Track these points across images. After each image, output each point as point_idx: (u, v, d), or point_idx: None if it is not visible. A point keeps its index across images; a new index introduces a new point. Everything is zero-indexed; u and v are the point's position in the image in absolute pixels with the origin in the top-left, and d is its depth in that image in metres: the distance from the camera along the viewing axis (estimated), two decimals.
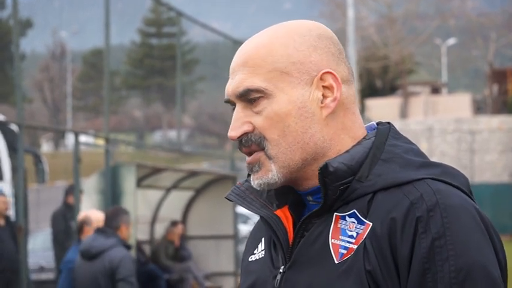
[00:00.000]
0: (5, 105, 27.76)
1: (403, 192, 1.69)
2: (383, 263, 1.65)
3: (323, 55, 1.78)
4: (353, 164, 1.73)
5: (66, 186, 13.39)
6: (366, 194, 1.72)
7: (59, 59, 49.72)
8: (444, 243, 1.63)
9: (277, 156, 1.76)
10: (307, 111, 1.76)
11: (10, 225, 10.09)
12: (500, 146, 32.43)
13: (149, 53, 50.65)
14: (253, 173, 1.79)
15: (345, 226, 1.72)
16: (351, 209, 1.72)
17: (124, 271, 6.84)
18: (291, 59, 1.77)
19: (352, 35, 23.84)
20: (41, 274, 15.16)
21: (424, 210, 1.65)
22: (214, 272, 14.59)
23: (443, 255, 1.63)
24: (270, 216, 1.80)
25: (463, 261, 1.62)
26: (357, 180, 1.72)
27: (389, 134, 1.80)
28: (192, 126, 34.85)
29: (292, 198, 1.82)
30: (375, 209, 1.70)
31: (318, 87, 1.77)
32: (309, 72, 1.77)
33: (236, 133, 1.77)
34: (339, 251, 1.70)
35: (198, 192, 14.58)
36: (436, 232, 1.63)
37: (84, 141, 17.74)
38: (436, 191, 1.67)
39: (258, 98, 1.76)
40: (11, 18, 11.19)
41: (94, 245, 6.90)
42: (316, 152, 1.76)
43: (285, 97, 1.76)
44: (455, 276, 1.62)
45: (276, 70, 1.76)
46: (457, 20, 48.41)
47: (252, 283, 1.84)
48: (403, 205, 1.67)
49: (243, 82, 1.77)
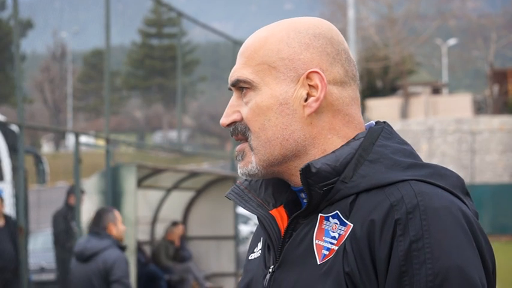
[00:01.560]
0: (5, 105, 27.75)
1: (385, 193, 1.67)
2: (362, 265, 1.64)
3: (315, 54, 1.77)
4: (337, 164, 1.72)
5: (68, 187, 13.38)
6: (349, 195, 1.70)
7: (60, 60, 49.72)
8: (422, 246, 1.61)
9: (258, 149, 1.78)
10: (288, 107, 1.76)
11: (9, 226, 10.08)
12: (501, 147, 32.41)
13: (150, 53, 50.65)
14: (238, 161, 1.82)
15: (328, 227, 1.71)
16: (334, 210, 1.71)
17: (118, 272, 6.84)
18: (281, 54, 1.77)
19: (353, 35, 23.84)
20: (42, 275, 15.15)
21: (404, 212, 1.63)
22: (215, 272, 14.59)
23: (420, 258, 1.60)
24: (264, 216, 1.80)
25: (440, 265, 1.60)
26: (341, 181, 1.71)
27: (381, 134, 1.78)
28: (192, 126, 34.83)
29: (288, 197, 1.82)
30: (357, 210, 1.68)
31: (304, 85, 1.76)
32: (296, 69, 1.77)
33: (226, 120, 1.81)
34: (322, 252, 1.69)
35: (198, 193, 14.58)
36: (414, 235, 1.61)
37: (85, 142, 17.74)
38: (417, 193, 1.65)
39: (247, 89, 1.79)
40: (12, 19, 11.18)
41: (88, 246, 6.90)
42: (297, 149, 1.76)
43: (269, 91, 1.77)
44: (432, 280, 1.59)
45: (264, 63, 1.77)
46: (457, 20, 48.41)
47: (248, 282, 1.85)
48: (383, 207, 1.65)
49: (235, 72, 1.80)
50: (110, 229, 6.98)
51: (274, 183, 1.84)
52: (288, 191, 1.83)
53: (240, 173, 1.81)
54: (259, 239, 1.90)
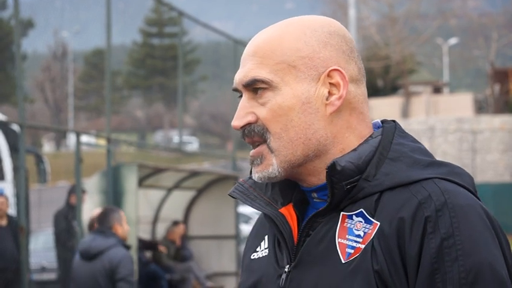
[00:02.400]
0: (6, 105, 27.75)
1: (411, 191, 1.67)
2: (391, 263, 1.64)
3: (333, 52, 1.77)
4: (360, 163, 1.72)
5: (69, 187, 13.38)
6: (373, 193, 1.70)
7: (61, 59, 49.72)
8: (453, 243, 1.62)
9: (279, 150, 1.75)
10: (311, 106, 1.75)
11: (11, 225, 10.09)
12: (502, 146, 32.41)
13: (151, 53, 50.63)
14: (255, 165, 1.78)
15: (351, 225, 1.70)
16: (358, 208, 1.71)
17: (124, 271, 6.85)
18: (300, 53, 1.75)
19: (354, 34, 23.83)
20: (43, 274, 15.14)
21: (433, 209, 1.64)
22: (216, 272, 14.59)
23: (452, 255, 1.62)
24: (275, 214, 1.78)
25: (472, 261, 1.61)
26: (364, 179, 1.71)
27: (396, 132, 1.78)
28: (193, 126, 34.82)
29: (297, 196, 1.81)
30: (383, 209, 1.68)
31: (325, 83, 1.76)
32: (316, 67, 1.76)
33: (240, 123, 1.77)
34: (346, 250, 1.69)
35: (199, 192, 14.58)
36: (445, 232, 1.62)
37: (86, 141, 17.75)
38: (444, 191, 1.66)
39: (264, 89, 1.75)
40: (13, 19, 11.19)
41: (93, 245, 6.90)
42: (319, 149, 1.75)
43: (290, 91, 1.75)
44: (465, 277, 1.61)
45: (283, 62, 1.75)
46: (458, 19, 48.38)
47: (255, 281, 1.83)
48: (412, 205, 1.65)
49: (250, 72, 1.76)
50: (116, 228, 6.99)
51: (281, 181, 1.82)
52: (295, 189, 1.82)
53: (257, 177, 1.77)
54: (261, 238, 1.88)
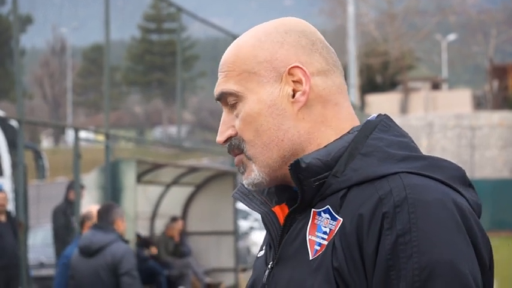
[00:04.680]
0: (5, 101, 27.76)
1: (375, 187, 1.64)
2: (350, 260, 1.62)
3: (291, 50, 1.76)
4: (329, 159, 1.70)
5: (68, 182, 13.38)
6: (340, 189, 1.68)
7: (59, 55, 49.75)
8: (409, 240, 1.58)
9: (256, 156, 1.76)
10: (277, 108, 1.74)
11: (11, 221, 10.09)
12: (501, 142, 32.44)
13: (149, 48, 50.63)
14: (241, 174, 1.80)
15: (320, 222, 1.69)
16: (326, 205, 1.69)
17: (127, 265, 6.86)
18: (257, 58, 1.76)
19: (353, 31, 23.85)
20: (41, 270, 15.16)
21: (391, 205, 1.60)
22: (215, 267, 14.60)
23: (407, 252, 1.58)
24: (266, 213, 1.79)
25: (427, 259, 1.57)
26: (333, 176, 1.69)
27: (378, 126, 1.75)
28: (192, 122, 34.83)
29: (290, 195, 1.81)
30: (347, 205, 1.66)
31: (288, 82, 1.75)
32: (276, 69, 1.75)
33: (222, 138, 1.80)
34: (314, 247, 1.68)
35: (198, 188, 14.58)
36: (401, 228, 1.58)
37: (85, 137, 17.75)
38: (407, 185, 1.62)
39: (235, 102, 1.77)
40: (11, 14, 11.18)
41: (94, 240, 6.90)
42: (294, 148, 1.74)
43: (254, 97, 1.75)
44: (418, 274, 1.57)
45: (244, 72, 1.76)
46: (457, 16, 48.40)
47: (253, 280, 1.85)
48: (372, 200, 1.62)
49: (219, 86, 1.79)
50: (118, 224, 6.99)
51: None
52: (288, 189, 1.81)
53: (245, 184, 1.79)
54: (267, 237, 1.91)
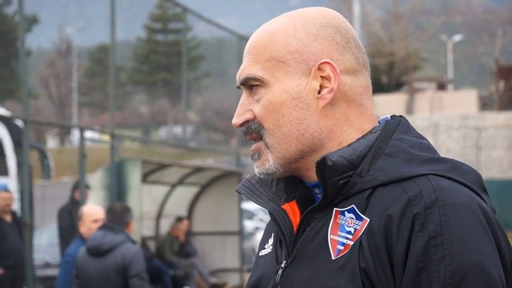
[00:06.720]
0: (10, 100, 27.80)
1: (403, 188, 1.64)
2: (378, 260, 1.61)
3: (324, 44, 1.74)
4: (354, 158, 1.69)
5: (73, 182, 13.40)
6: (365, 189, 1.67)
7: (65, 55, 49.81)
8: (441, 242, 1.58)
9: (274, 146, 1.74)
10: (302, 101, 1.73)
11: (17, 221, 10.10)
12: (507, 143, 32.38)
13: (155, 48, 50.68)
14: (254, 161, 1.78)
15: (343, 222, 1.68)
16: (350, 204, 1.68)
17: (137, 267, 6.82)
18: (289, 48, 1.74)
19: (358, 31, 23.81)
20: (47, 270, 15.17)
21: (422, 207, 1.60)
22: (220, 268, 14.59)
23: (439, 255, 1.57)
24: (276, 210, 1.77)
25: (459, 261, 1.57)
26: (358, 175, 1.68)
27: (398, 127, 1.75)
28: (197, 122, 34.84)
29: (300, 192, 1.79)
30: (374, 205, 1.65)
31: (316, 77, 1.73)
32: (306, 62, 1.74)
33: (238, 120, 1.78)
34: (337, 247, 1.66)
35: (203, 188, 14.58)
36: (432, 230, 1.58)
37: (90, 137, 17.79)
38: (436, 188, 1.62)
39: (257, 86, 1.75)
40: (17, 14, 11.19)
41: (104, 241, 6.86)
42: (314, 144, 1.73)
43: (280, 86, 1.73)
44: (451, 277, 1.56)
45: (273, 59, 1.74)
46: (463, 16, 48.34)
47: (258, 278, 1.82)
48: (401, 201, 1.62)
49: (244, 70, 1.77)
50: (131, 226, 6.99)
51: (286, 177, 1.81)
52: (300, 185, 1.80)
53: (257, 172, 1.77)
54: (270, 235, 1.88)
